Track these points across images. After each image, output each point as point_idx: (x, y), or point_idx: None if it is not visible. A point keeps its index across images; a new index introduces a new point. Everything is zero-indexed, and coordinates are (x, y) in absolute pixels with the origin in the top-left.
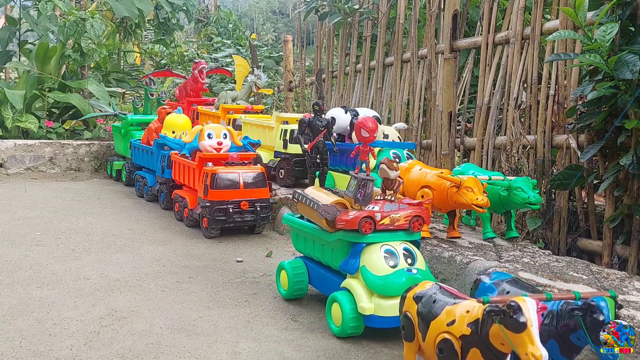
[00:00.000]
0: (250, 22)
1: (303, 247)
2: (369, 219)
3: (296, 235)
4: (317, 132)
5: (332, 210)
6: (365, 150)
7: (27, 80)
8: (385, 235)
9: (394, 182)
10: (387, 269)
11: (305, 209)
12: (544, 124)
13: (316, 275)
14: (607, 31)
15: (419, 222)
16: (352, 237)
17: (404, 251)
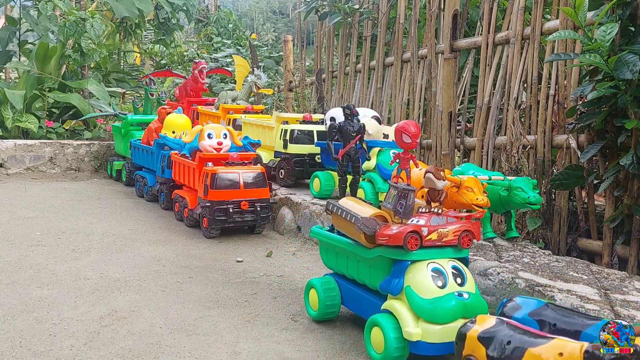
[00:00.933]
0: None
1: (334, 263)
2: (415, 234)
3: (326, 250)
4: (348, 137)
5: (371, 224)
6: (407, 157)
7: (27, 80)
8: (432, 252)
9: (440, 193)
10: (435, 290)
11: (339, 222)
12: (544, 124)
13: (350, 294)
14: (607, 31)
15: (469, 237)
16: (395, 254)
17: (452, 270)
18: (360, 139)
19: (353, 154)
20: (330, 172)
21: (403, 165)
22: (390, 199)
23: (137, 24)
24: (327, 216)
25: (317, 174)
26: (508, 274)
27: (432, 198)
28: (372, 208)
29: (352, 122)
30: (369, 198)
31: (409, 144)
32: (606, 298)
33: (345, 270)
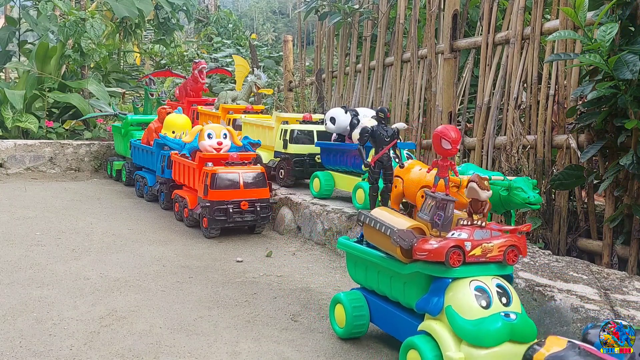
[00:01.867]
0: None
1: (363, 277)
2: (457, 249)
3: (354, 263)
4: (381, 143)
5: (408, 237)
6: (446, 165)
7: (27, 80)
8: (474, 269)
9: (483, 204)
10: (479, 310)
11: (372, 234)
12: (544, 124)
13: (380, 312)
14: (607, 31)
15: (515, 253)
16: (434, 271)
17: (497, 288)
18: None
19: (385, 160)
20: (330, 172)
21: (441, 174)
22: (427, 209)
23: (137, 24)
24: (328, 216)
25: (317, 174)
26: None
27: (474, 209)
28: (408, 219)
29: (385, 126)
30: (369, 198)
31: (449, 150)
32: (606, 298)
33: (375, 285)
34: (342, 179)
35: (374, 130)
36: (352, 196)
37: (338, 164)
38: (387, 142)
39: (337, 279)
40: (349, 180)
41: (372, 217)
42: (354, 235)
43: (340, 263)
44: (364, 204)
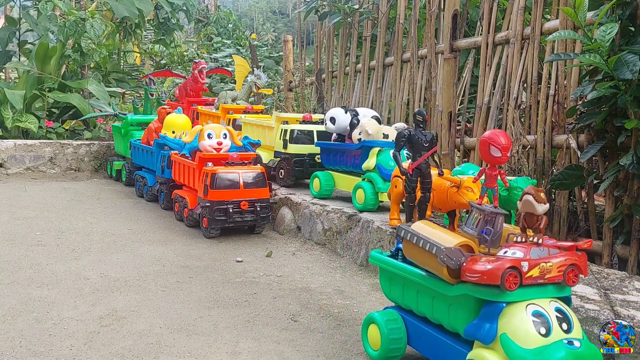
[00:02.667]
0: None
1: (399, 295)
2: (514, 271)
3: (389, 280)
4: (419, 148)
5: (456, 256)
6: (494, 174)
7: (27, 80)
8: (531, 292)
9: (540, 219)
10: (538, 338)
11: (413, 251)
12: (544, 124)
13: (419, 334)
14: (607, 31)
15: (575, 272)
16: (486, 294)
17: (556, 313)
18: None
19: (424, 168)
20: (330, 172)
21: (490, 184)
22: (473, 223)
23: (137, 24)
24: (328, 216)
25: (317, 174)
26: None
27: (529, 224)
28: (453, 234)
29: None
30: (369, 198)
31: (499, 158)
32: (606, 298)
33: (414, 305)
34: (342, 179)
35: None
36: (352, 196)
37: (338, 164)
38: (425, 148)
39: (337, 279)
40: (349, 180)
41: (414, 233)
42: (353, 236)
43: (340, 263)
44: (364, 204)
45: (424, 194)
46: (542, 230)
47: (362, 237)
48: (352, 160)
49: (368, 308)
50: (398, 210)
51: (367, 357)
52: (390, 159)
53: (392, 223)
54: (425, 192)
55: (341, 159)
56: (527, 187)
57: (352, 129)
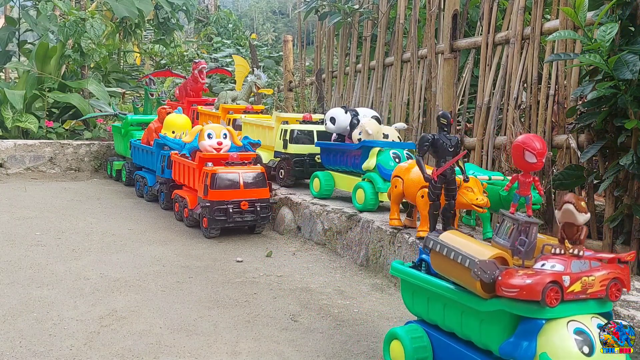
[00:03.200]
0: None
1: (424, 309)
2: (555, 285)
3: (412, 293)
4: (444, 153)
5: (491, 269)
6: (528, 181)
7: (27, 80)
8: (572, 308)
9: (580, 230)
10: (581, 357)
11: (442, 262)
12: (544, 124)
13: (447, 351)
14: (607, 31)
15: (618, 287)
16: (524, 310)
17: (598, 330)
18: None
19: (449, 174)
20: (330, 172)
21: (523, 192)
22: (505, 233)
23: (137, 24)
24: (328, 216)
25: (317, 174)
26: None
27: (568, 235)
28: (486, 246)
29: (447, 134)
30: (369, 198)
31: (534, 164)
32: None
33: (440, 320)
34: (342, 179)
35: (435, 138)
36: (352, 196)
37: (338, 164)
38: (450, 153)
39: (337, 279)
40: (349, 180)
41: (443, 244)
42: (353, 236)
43: (340, 263)
44: (364, 204)
45: (448, 201)
46: (583, 241)
47: (362, 237)
48: (352, 160)
49: (368, 308)
50: (398, 210)
51: (367, 357)
52: (390, 159)
53: (392, 223)
54: (450, 200)
55: (341, 159)
56: (567, 195)
57: (352, 129)
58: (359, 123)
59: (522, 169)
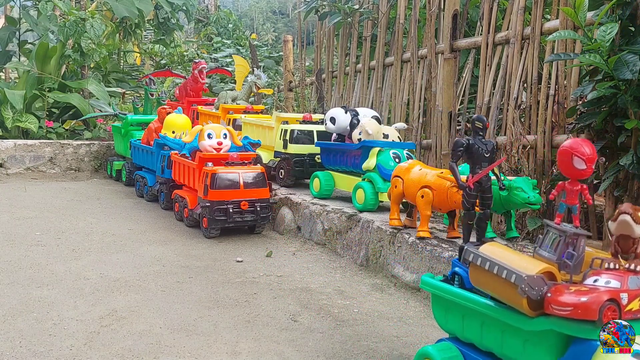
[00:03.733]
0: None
1: (458, 326)
2: (612, 304)
3: (444, 308)
4: (479, 159)
5: (539, 285)
6: (576, 189)
7: (27, 80)
8: None
9: (636, 242)
10: None
11: (483, 277)
12: (544, 124)
13: None
14: (607, 31)
15: None
16: (576, 330)
17: None
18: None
19: (484, 181)
20: (330, 172)
21: (571, 201)
22: (551, 245)
23: (137, 24)
24: (328, 216)
25: (317, 174)
26: None
27: (623, 249)
28: (531, 260)
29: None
30: (369, 198)
31: (583, 171)
32: None
33: (477, 339)
34: (342, 179)
35: (469, 143)
36: (352, 196)
37: (338, 164)
38: (486, 159)
39: (337, 279)
40: (349, 180)
41: (486, 258)
42: (353, 236)
43: (340, 263)
44: (364, 204)
45: (483, 210)
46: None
47: (362, 237)
48: (352, 160)
49: (368, 308)
50: (398, 210)
51: (367, 357)
52: (390, 159)
53: (392, 223)
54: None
55: (341, 159)
56: (624, 206)
57: (352, 129)
58: (359, 123)
59: (570, 176)
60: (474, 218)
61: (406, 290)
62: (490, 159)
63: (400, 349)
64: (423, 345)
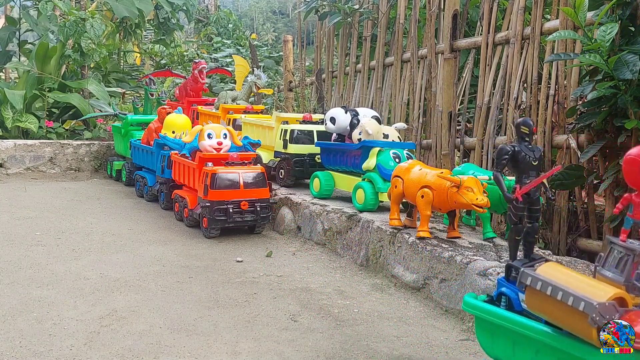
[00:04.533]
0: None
1: (508, 354)
2: None
3: (492, 333)
4: (526, 168)
5: (610, 313)
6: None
7: (27, 80)
8: None
9: None
10: None
11: (545, 303)
12: (544, 124)
13: None
14: (607, 31)
15: None
16: None
17: None
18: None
19: (533, 192)
20: (330, 172)
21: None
22: (617, 265)
23: (137, 24)
24: (328, 216)
25: (317, 174)
26: None
27: None
28: (598, 283)
29: (530, 144)
30: (369, 198)
31: None
32: None
33: None
34: (342, 179)
35: (515, 151)
36: (352, 196)
37: (338, 164)
38: (534, 167)
39: (337, 279)
40: (349, 180)
41: (547, 281)
42: (353, 236)
43: (340, 263)
44: (364, 204)
45: (532, 224)
46: None
47: (362, 237)
48: (352, 160)
49: (368, 308)
50: (398, 210)
51: (367, 357)
52: (390, 159)
53: (392, 223)
54: (533, 222)
55: (341, 159)
56: None
57: (352, 129)
58: (359, 123)
59: (638, 188)
60: (521, 233)
61: (406, 290)
62: (537, 168)
63: (400, 349)
64: (423, 346)
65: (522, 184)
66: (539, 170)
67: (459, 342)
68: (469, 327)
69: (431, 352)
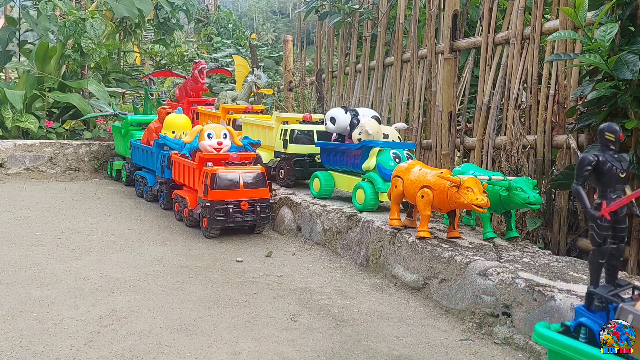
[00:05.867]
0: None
1: None
2: None
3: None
4: (611, 181)
5: None
6: None
7: (27, 80)
8: None
9: None
10: None
11: None
12: (544, 124)
13: None
14: (607, 31)
15: None
16: None
17: None
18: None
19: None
20: (330, 172)
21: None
22: None
23: (137, 24)
24: (328, 216)
25: (317, 174)
26: (508, 274)
27: None
28: None
29: (615, 153)
30: (369, 198)
31: None
32: None
33: None
34: (342, 179)
35: (600, 161)
36: (352, 196)
37: (338, 164)
38: (622, 180)
39: (337, 278)
40: (349, 180)
41: None
42: (353, 236)
43: (340, 263)
44: (364, 204)
45: (617, 244)
46: None
47: (362, 237)
48: (352, 160)
49: (368, 308)
50: (398, 210)
51: (367, 357)
52: (390, 159)
53: (392, 223)
54: (618, 243)
55: (341, 159)
56: None
57: (352, 129)
58: (359, 123)
59: None
60: (605, 255)
61: (406, 290)
62: (625, 180)
63: (400, 349)
64: (423, 346)
65: (608, 198)
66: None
67: (459, 342)
68: (469, 327)
69: (431, 352)
